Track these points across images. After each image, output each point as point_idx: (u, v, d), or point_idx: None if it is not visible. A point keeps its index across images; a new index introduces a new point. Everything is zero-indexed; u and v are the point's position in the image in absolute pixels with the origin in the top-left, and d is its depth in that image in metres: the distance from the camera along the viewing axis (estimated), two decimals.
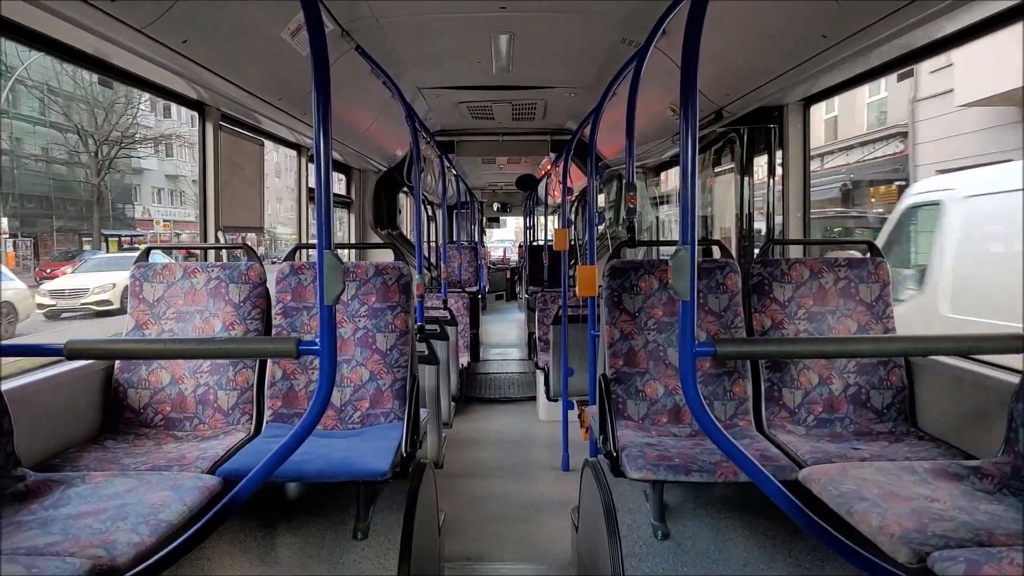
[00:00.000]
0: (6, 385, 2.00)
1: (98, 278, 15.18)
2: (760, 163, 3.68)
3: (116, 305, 14.49)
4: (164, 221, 31.56)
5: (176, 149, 33.78)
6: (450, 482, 3.99)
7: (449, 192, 7.69)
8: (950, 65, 8.91)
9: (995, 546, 1.32)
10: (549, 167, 7.93)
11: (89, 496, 1.66)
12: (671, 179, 6.37)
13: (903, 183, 11.27)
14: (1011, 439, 1.67)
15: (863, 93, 13.30)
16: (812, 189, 3.27)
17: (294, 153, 4.54)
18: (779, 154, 3.39)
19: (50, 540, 1.43)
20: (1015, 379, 1.82)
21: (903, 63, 2.49)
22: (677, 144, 1.43)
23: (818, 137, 15.21)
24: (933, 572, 1.27)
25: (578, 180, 7.04)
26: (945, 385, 2.31)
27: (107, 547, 1.40)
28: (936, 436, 2.30)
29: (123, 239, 28.49)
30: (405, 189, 6.28)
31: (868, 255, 2.65)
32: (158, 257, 2.84)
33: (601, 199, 7.48)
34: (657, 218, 6.83)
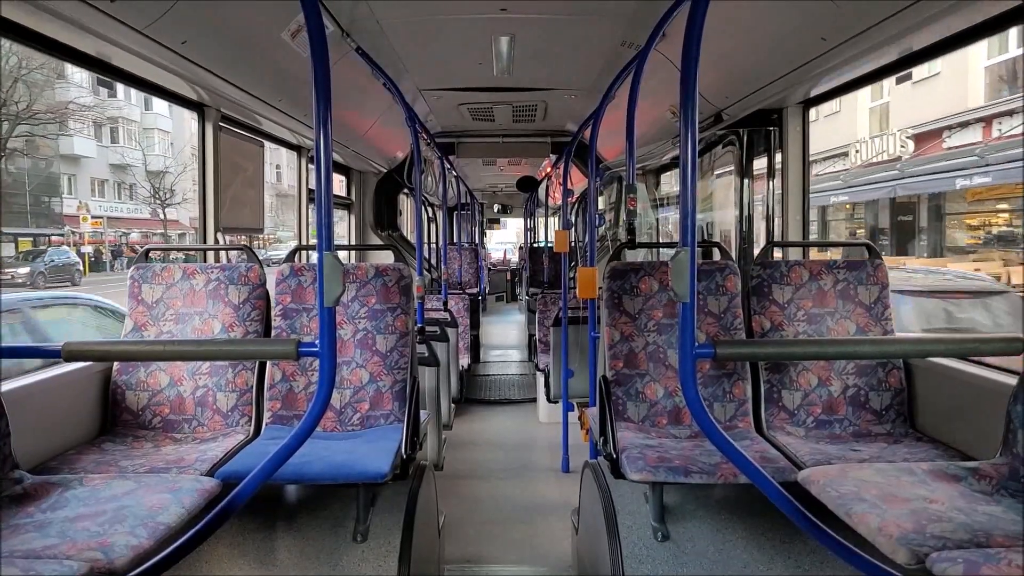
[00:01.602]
0: (4, 387, 2.00)
1: None
2: (760, 165, 3.68)
3: None
4: (95, 218, 25.04)
5: (123, 134, 29.42)
6: (450, 484, 3.98)
7: (449, 194, 7.70)
8: None
9: (993, 547, 1.32)
10: (549, 169, 7.94)
11: (87, 499, 1.66)
12: (672, 181, 6.38)
13: None
14: (1009, 441, 1.67)
15: None
16: (972, 172, 3.08)
17: (271, 146, 4.50)
18: (779, 157, 3.39)
19: (47, 543, 1.42)
20: (1013, 381, 1.82)
21: (903, 65, 2.50)
22: (677, 146, 1.43)
23: (978, 95, 11.03)
24: (932, 573, 1.27)
25: (579, 182, 7.05)
26: (943, 387, 2.31)
27: (105, 550, 1.39)
28: (934, 437, 2.30)
29: (40, 239, 23.54)
30: (405, 190, 6.28)
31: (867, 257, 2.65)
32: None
33: (601, 201, 7.48)
34: (657, 220, 6.84)
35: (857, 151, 15.93)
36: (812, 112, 3.25)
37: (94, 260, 24.59)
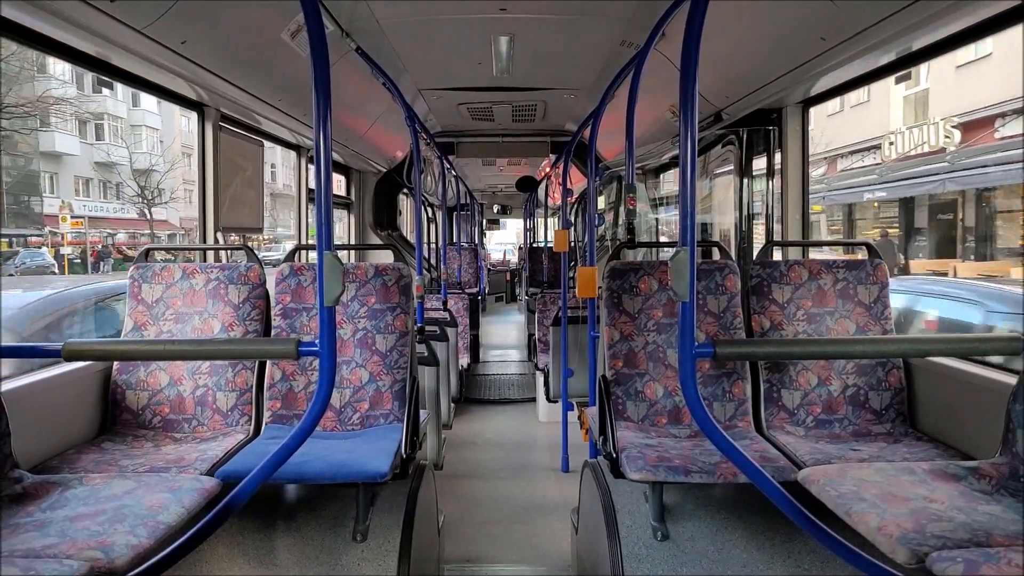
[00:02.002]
0: (4, 386, 2.00)
1: None
2: (759, 165, 3.69)
3: None
4: (75, 218, 23.38)
5: (108, 131, 27.89)
6: (450, 483, 3.98)
7: (449, 194, 7.70)
8: None
9: (993, 547, 1.32)
10: (548, 169, 7.94)
11: (87, 498, 1.66)
12: (672, 180, 6.38)
13: None
14: (1008, 440, 1.67)
15: None
16: None
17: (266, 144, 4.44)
18: (778, 156, 3.39)
19: (47, 542, 1.42)
20: (1013, 380, 1.82)
21: (902, 65, 2.50)
22: (677, 146, 1.43)
23: None
24: (931, 572, 1.27)
25: (578, 182, 7.05)
26: (943, 386, 2.31)
27: (105, 549, 1.39)
28: (934, 437, 2.30)
29: (16, 240, 22.19)
30: (405, 190, 6.28)
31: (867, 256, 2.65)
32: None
33: (601, 201, 7.49)
34: (657, 220, 6.84)
35: (891, 143, 14.29)
36: (836, 103, 3.23)
37: (79, 262, 23.82)
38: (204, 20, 2.15)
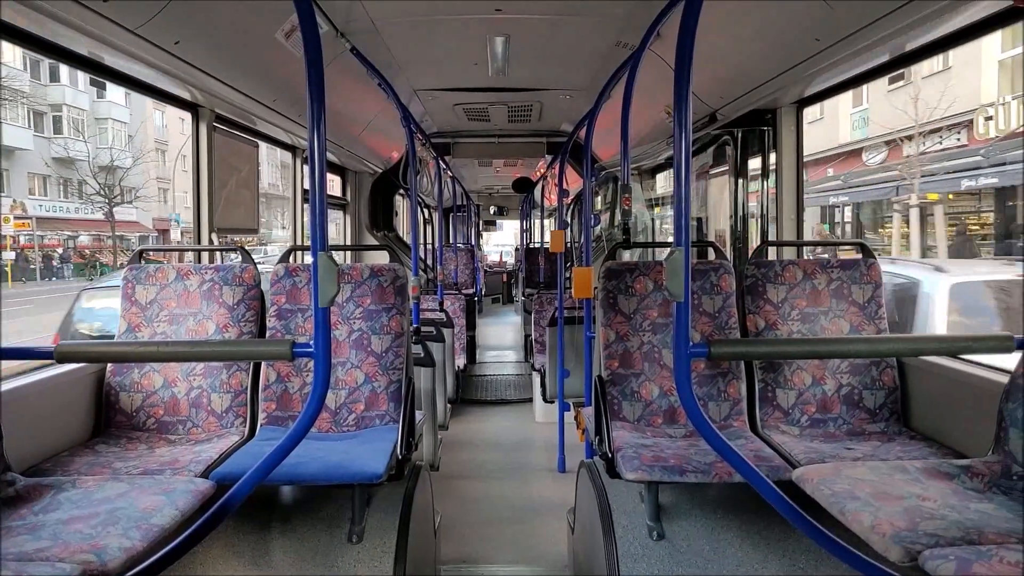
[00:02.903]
0: None
1: None
2: (754, 165, 3.70)
3: None
4: (20, 219, 22.08)
5: (67, 124, 25.83)
6: (446, 484, 3.98)
7: (445, 195, 7.70)
8: None
9: (985, 544, 1.33)
10: (544, 169, 7.94)
11: (80, 501, 1.65)
12: (667, 181, 6.38)
13: None
14: (1001, 438, 1.68)
15: None
16: None
17: None
18: (773, 156, 3.40)
19: (40, 545, 1.42)
20: (1005, 379, 1.83)
21: (897, 65, 2.51)
22: (672, 146, 1.43)
23: None
24: (924, 571, 1.28)
25: (574, 183, 7.06)
26: (936, 385, 2.32)
27: (98, 552, 1.39)
28: (927, 436, 2.31)
29: None
30: (401, 191, 6.27)
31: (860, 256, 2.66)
32: None
33: (598, 201, 7.49)
34: (653, 220, 6.85)
35: (988, 118, 11.74)
36: (900, 74, 3.11)
37: (33, 268, 22.12)
38: (197, 20, 2.14)
